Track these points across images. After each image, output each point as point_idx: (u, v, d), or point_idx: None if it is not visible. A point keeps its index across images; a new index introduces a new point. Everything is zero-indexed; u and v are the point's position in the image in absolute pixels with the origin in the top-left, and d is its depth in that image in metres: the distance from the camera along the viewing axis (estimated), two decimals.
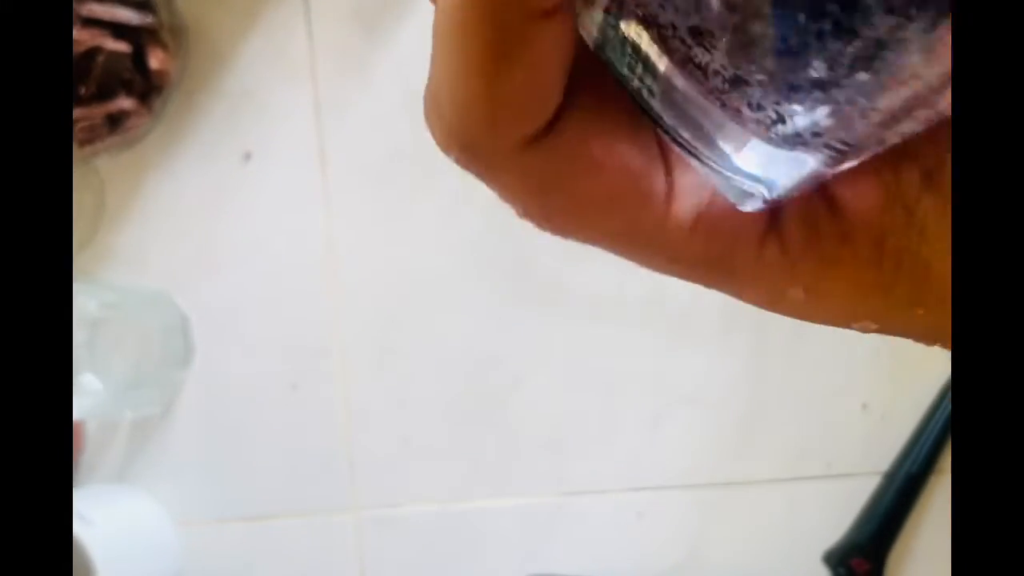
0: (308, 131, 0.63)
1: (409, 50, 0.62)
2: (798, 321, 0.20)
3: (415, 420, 0.63)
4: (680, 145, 0.17)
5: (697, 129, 0.16)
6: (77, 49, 0.58)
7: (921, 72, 0.14)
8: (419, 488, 0.63)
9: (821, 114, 0.15)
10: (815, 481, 0.60)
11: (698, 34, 0.15)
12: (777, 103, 0.15)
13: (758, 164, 0.16)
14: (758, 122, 0.15)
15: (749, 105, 0.15)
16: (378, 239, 0.63)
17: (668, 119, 0.17)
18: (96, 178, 0.64)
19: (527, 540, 0.63)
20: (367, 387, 0.63)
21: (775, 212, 0.18)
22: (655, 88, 0.16)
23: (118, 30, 0.59)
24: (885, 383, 0.60)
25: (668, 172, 0.18)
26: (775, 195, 0.17)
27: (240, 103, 0.64)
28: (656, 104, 0.16)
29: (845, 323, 0.19)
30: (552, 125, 0.17)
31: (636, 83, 0.17)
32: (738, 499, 0.61)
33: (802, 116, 0.15)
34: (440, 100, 0.17)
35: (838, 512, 0.59)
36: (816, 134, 0.15)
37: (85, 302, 0.58)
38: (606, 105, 0.17)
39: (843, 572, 0.58)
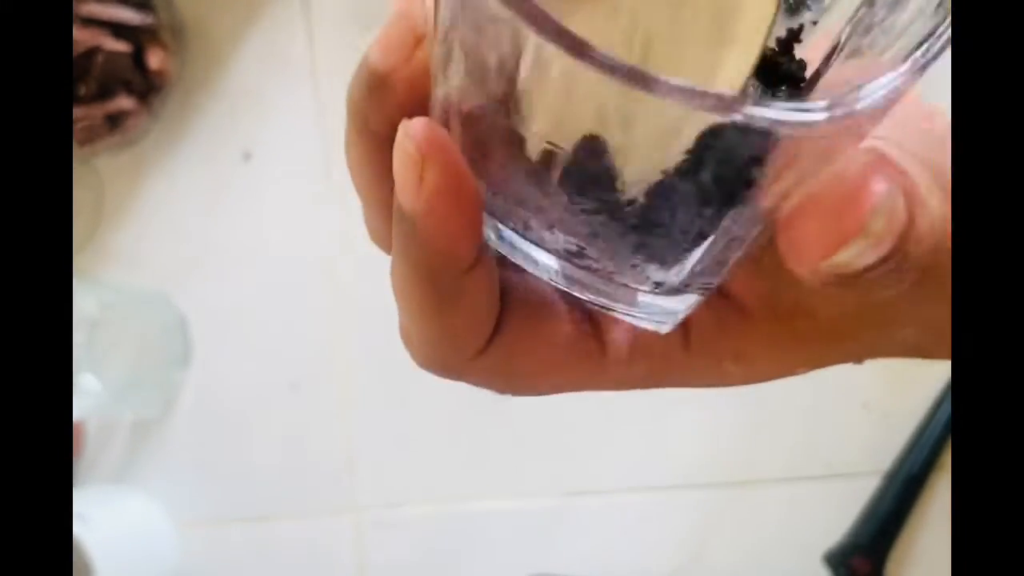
0: (308, 131, 0.63)
1: None
2: None
3: (415, 420, 0.63)
4: (596, 305, 0.21)
5: (602, 297, 0.20)
6: (77, 49, 0.58)
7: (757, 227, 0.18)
8: (419, 488, 0.63)
9: (688, 272, 0.19)
10: (815, 481, 0.60)
11: (579, 254, 0.19)
12: (651, 277, 0.19)
13: (658, 308, 0.20)
14: (644, 290, 0.20)
15: (635, 280, 0.20)
16: None
17: (580, 294, 0.20)
18: (95, 178, 0.64)
19: (527, 540, 0.63)
20: (367, 387, 0.63)
21: (684, 323, 0.22)
22: (559, 278, 0.20)
23: (118, 30, 0.59)
24: (886, 383, 0.60)
25: (595, 325, 0.22)
26: (681, 317, 0.21)
27: (240, 103, 0.64)
28: (565, 285, 0.20)
29: (784, 375, 0.23)
30: (495, 332, 0.21)
31: (546, 275, 0.20)
32: (739, 499, 0.61)
33: (674, 278, 0.19)
34: (410, 336, 0.22)
35: (839, 512, 0.59)
36: (687, 285, 0.20)
37: (84, 302, 0.58)
38: (531, 297, 0.21)
39: (843, 572, 0.58)
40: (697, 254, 0.19)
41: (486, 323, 0.21)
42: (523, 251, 0.20)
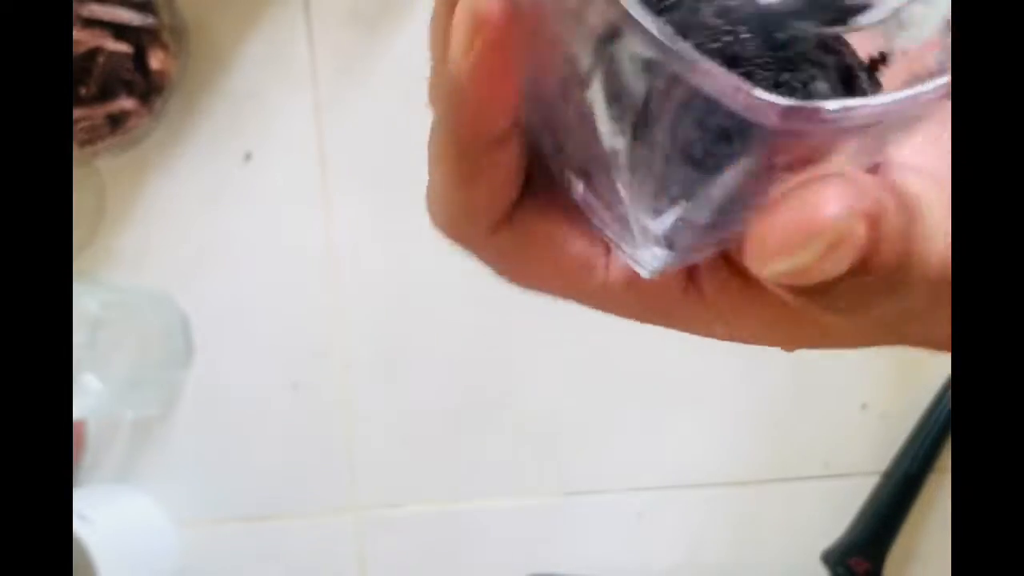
0: (308, 131, 0.63)
1: (408, 51, 0.62)
2: None
3: (415, 420, 0.63)
4: (596, 228, 0.23)
5: (606, 228, 0.22)
6: (78, 50, 0.58)
7: (748, 191, 0.18)
8: (419, 488, 0.64)
9: (668, 226, 0.20)
10: (814, 481, 0.61)
11: (588, 180, 0.21)
12: (639, 220, 0.21)
13: (644, 254, 0.22)
14: (633, 232, 0.21)
15: (629, 219, 0.21)
16: (378, 239, 0.63)
17: (587, 214, 0.22)
18: (97, 178, 0.64)
19: (527, 540, 0.63)
20: (367, 387, 0.64)
21: (692, 270, 0.23)
22: (578, 197, 0.22)
23: (119, 31, 0.59)
24: (884, 382, 0.60)
25: (607, 250, 0.23)
26: (657, 272, 0.22)
27: (241, 104, 0.64)
28: (581, 204, 0.22)
29: (764, 345, 0.24)
30: (512, 216, 0.23)
31: (571, 190, 0.22)
32: (737, 499, 0.61)
33: (658, 227, 0.20)
34: (434, 199, 0.23)
35: (837, 511, 0.60)
36: (669, 240, 0.21)
37: (86, 302, 0.58)
38: (556, 202, 0.23)
39: (842, 571, 0.58)
40: (677, 211, 0.19)
41: (504, 200, 0.22)
42: (555, 164, 0.22)
